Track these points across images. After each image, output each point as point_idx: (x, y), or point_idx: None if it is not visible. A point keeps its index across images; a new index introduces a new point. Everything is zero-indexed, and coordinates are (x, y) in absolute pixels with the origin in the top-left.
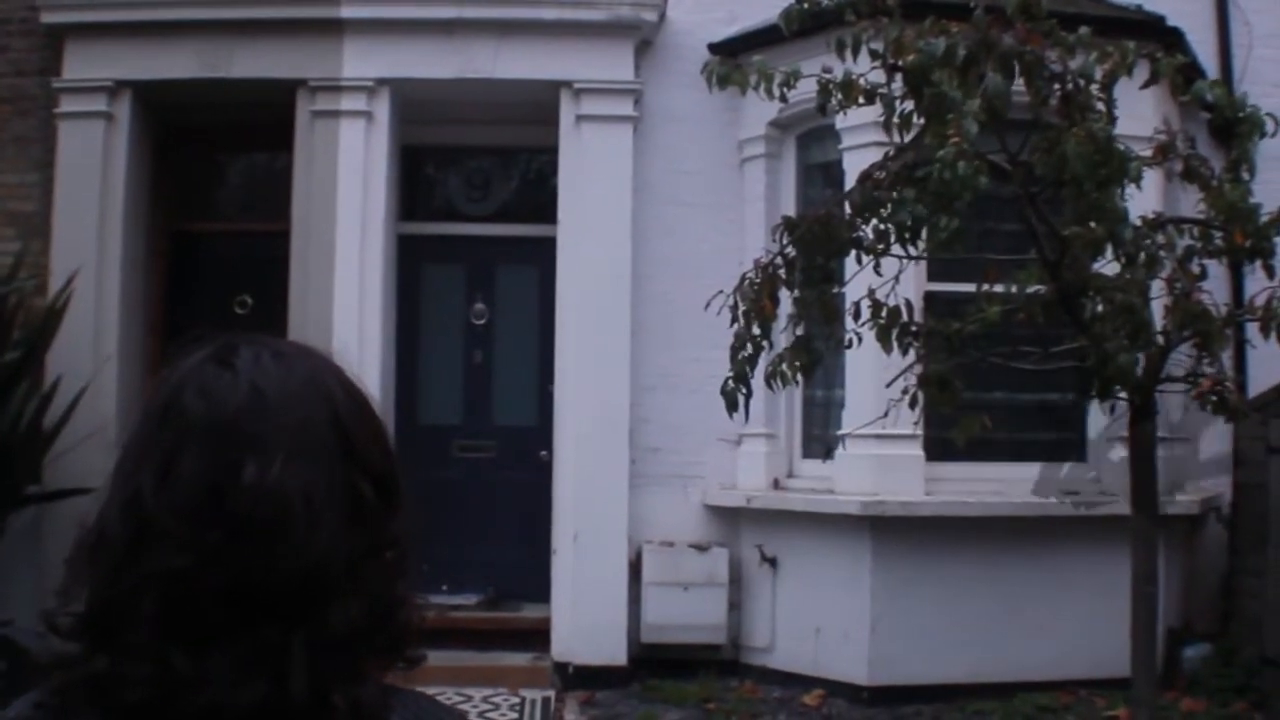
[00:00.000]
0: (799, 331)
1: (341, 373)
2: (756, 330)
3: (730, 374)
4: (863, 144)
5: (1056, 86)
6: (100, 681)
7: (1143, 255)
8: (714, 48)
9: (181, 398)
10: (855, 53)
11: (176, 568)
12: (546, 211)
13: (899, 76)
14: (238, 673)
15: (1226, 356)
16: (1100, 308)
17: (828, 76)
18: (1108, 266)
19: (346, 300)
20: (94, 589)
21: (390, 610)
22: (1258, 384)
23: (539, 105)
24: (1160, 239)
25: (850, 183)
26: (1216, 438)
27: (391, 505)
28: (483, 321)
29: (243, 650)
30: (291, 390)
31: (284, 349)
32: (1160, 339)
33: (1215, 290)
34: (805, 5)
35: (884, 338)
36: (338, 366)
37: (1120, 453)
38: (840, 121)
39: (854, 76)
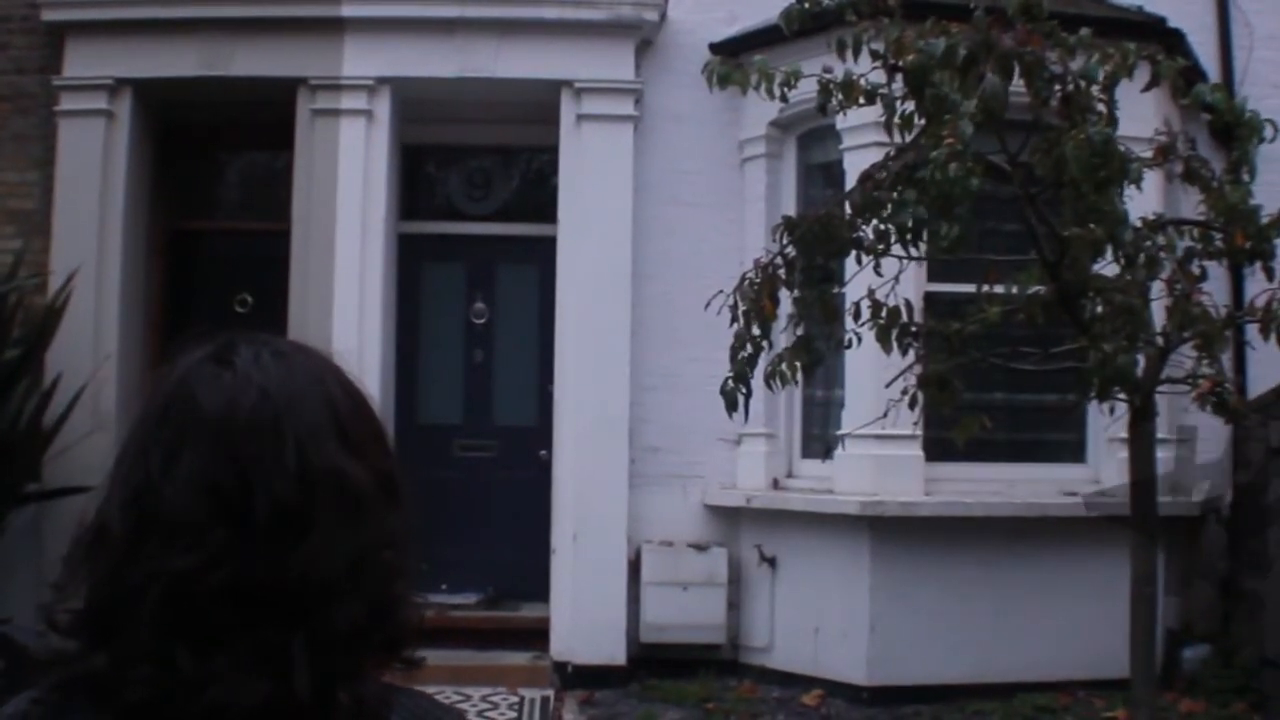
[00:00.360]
0: (799, 331)
1: (340, 372)
2: (756, 330)
3: (730, 374)
4: (863, 144)
5: (1057, 88)
6: (100, 680)
7: (1143, 256)
8: (715, 47)
9: (181, 396)
10: (856, 53)
11: (180, 567)
12: (547, 211)
13: (899, 77)
14: (241, 672)
15: (1226, 358)
16: (1100, 309)
17: (828, 76)
18: (1108, 268)
19: (347, 299)
20: (93, 587)
21: (389, 609)
22: (1257, 385)
23: (540, 104)
24: (1160, 240)
25: (851, 183)
26: (1216, 439)
27: (391, 504)
28: (483, 321)
29: (246, 649)
30: (292, 389)
31: (283, 348)
32: (1160, 340)
33: (1215, 292)
34: (806, 5)
35: (884, 338)
36: (336, 366)
37: (1120, 454)
38: (841, 122)
39: (854, 77)
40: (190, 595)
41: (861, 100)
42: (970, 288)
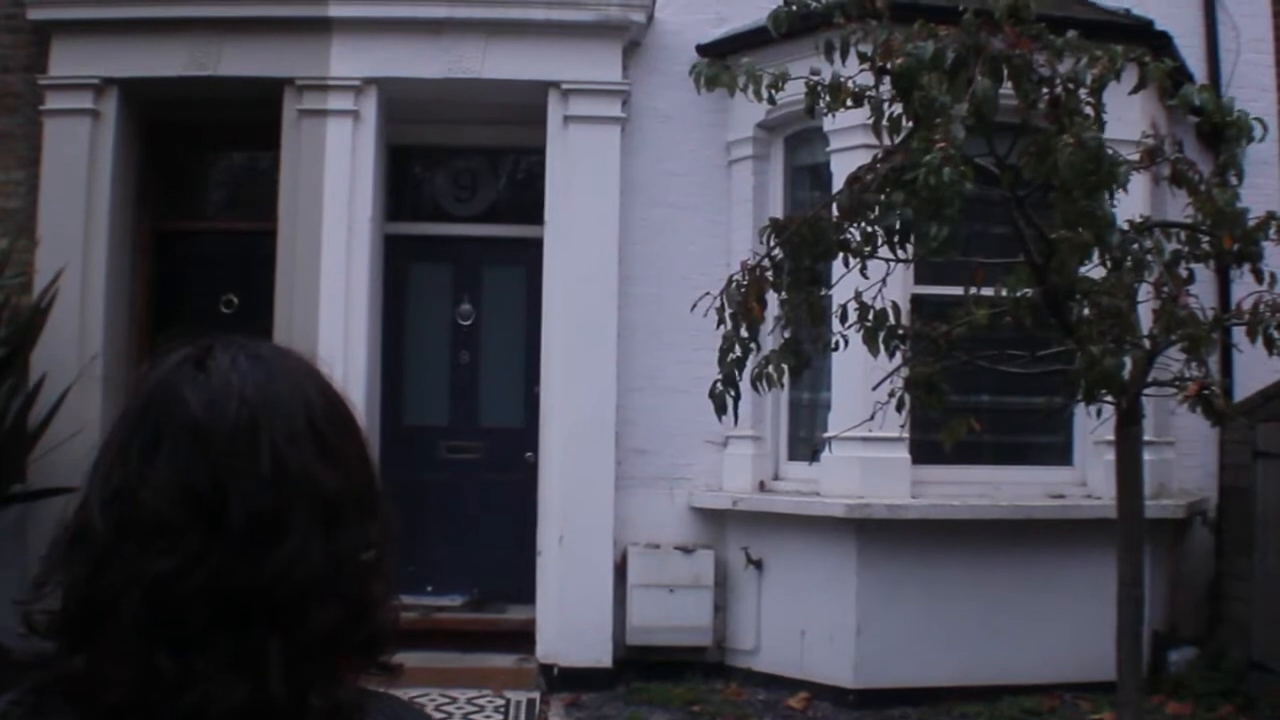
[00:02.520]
0: (786, 334)
1: (319, 376)
2: (744, 332)
3: (719, 376)
4: (851, 146)
5: (1045, 90)
6: (78, 681)
7: (1130, 259)
8: (702, 49)
9: (158, 399)
10: (844, 55)
11: (158, 571)
12: (534, 212)
13: (887, 79)
14: (220, 674)
15: (1213, 360)
16: (1087, 311)
17: (816, 79)
18: (1095, 270)
19: (332, 300)
20: (70, 588)
21: (367, 612)
22: (1243, 388)
23: (527, 106)
24: (1148, 243)
25: (838, 185)
26: (1202, 441)
27: (369, 508)
28: (469, 322)
29: (225, 652)
30: (268, 394)
31: (261, 351)
32: (1147, 343)
33: (1202, 294)
34: (793, 7)
35: (871, 340)
36: (315, 369)
37: (1107, 456)
38: (828, 124)
39: (842, 79)
40: (169, 598)
41: (849, 103)
42: (958, 290)
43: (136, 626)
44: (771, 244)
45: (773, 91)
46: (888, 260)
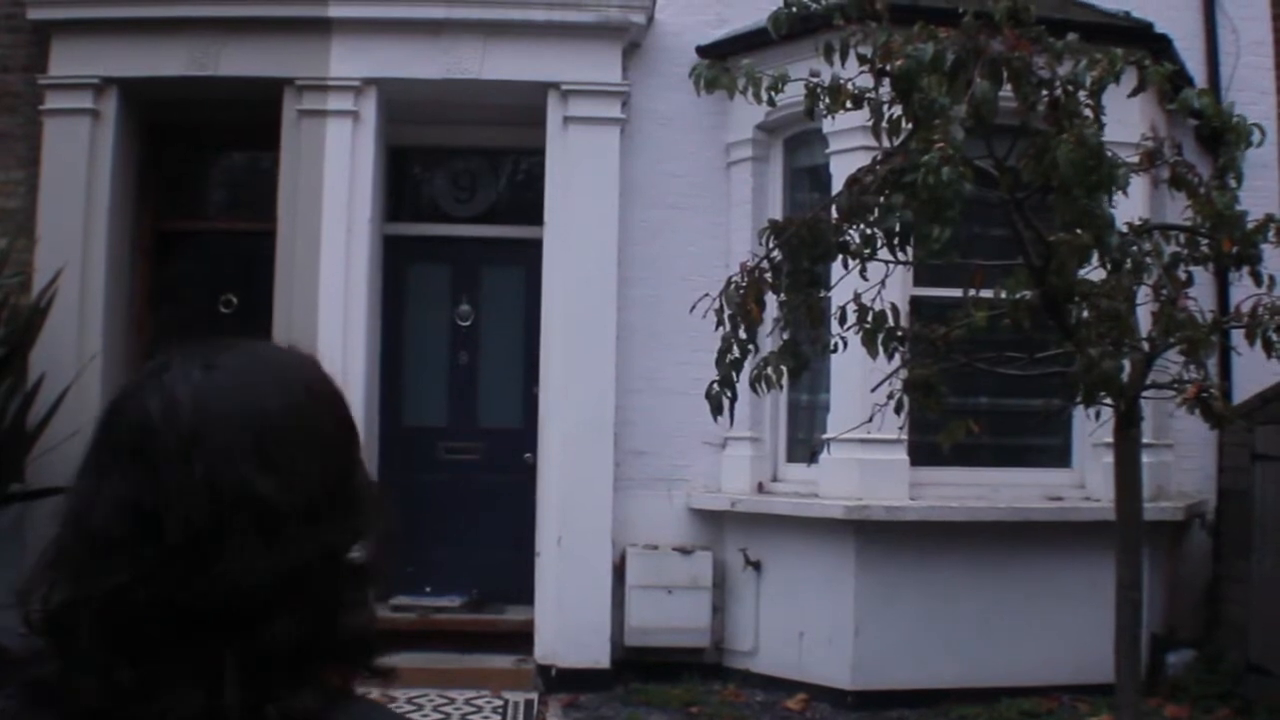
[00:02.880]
0: (785, 335)
1: (296, 378)
2: (742, 334)
3: (716, 378)
4: (850, 148)
5: (1044, 92)
6: (52, 686)
7: (1129, 262)
8: (702, 50)
9: (116, 413)
10: (843, 57)
11: (110, 585)
12: (533, 213)
13: (887, 81)
14: (176, 685)
15: (1212, 363)
16: (1086, 314)
17: (815, 80)
18: (1094, 273)
19: (331, 300)
20: (45, 595)
21: (330, 621)
22: (1242, 391)
23: (526, 107)
24: (1146, 245)
25: (837, 187)
26: (1201, 444)
27: (347, 512)
28: (468, 323)
29: (181, 663)
30: (211, 407)
31: (219, 360)
32: (1146, 345)
33: (1201, 297)
34: (793, 9)
35: (870, 342)
36: (294, 371)
37: (1105, 458)
38: (828, 126)
39: (842, 81)
40: (126, 610)
41: (849, 104)
42: (957, 292)
43: (97, 637)
44: (770, 246)
45: (772, 93)
46: (887, 262)
